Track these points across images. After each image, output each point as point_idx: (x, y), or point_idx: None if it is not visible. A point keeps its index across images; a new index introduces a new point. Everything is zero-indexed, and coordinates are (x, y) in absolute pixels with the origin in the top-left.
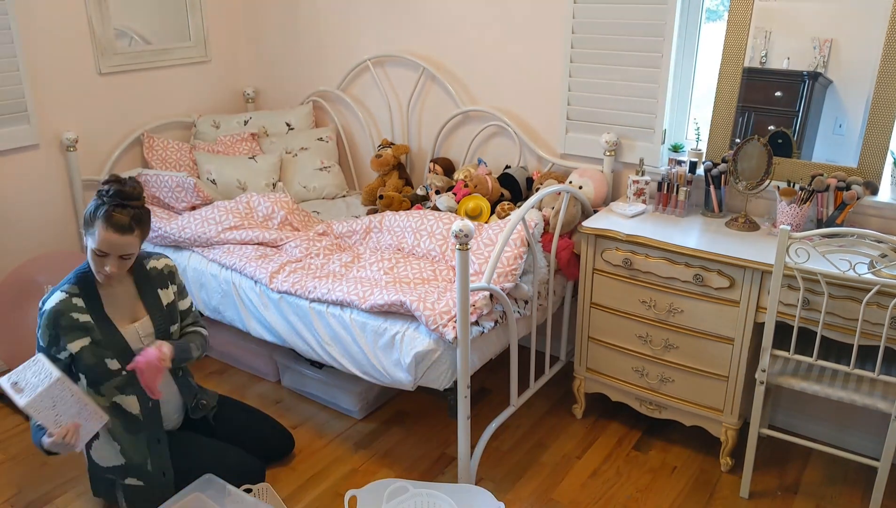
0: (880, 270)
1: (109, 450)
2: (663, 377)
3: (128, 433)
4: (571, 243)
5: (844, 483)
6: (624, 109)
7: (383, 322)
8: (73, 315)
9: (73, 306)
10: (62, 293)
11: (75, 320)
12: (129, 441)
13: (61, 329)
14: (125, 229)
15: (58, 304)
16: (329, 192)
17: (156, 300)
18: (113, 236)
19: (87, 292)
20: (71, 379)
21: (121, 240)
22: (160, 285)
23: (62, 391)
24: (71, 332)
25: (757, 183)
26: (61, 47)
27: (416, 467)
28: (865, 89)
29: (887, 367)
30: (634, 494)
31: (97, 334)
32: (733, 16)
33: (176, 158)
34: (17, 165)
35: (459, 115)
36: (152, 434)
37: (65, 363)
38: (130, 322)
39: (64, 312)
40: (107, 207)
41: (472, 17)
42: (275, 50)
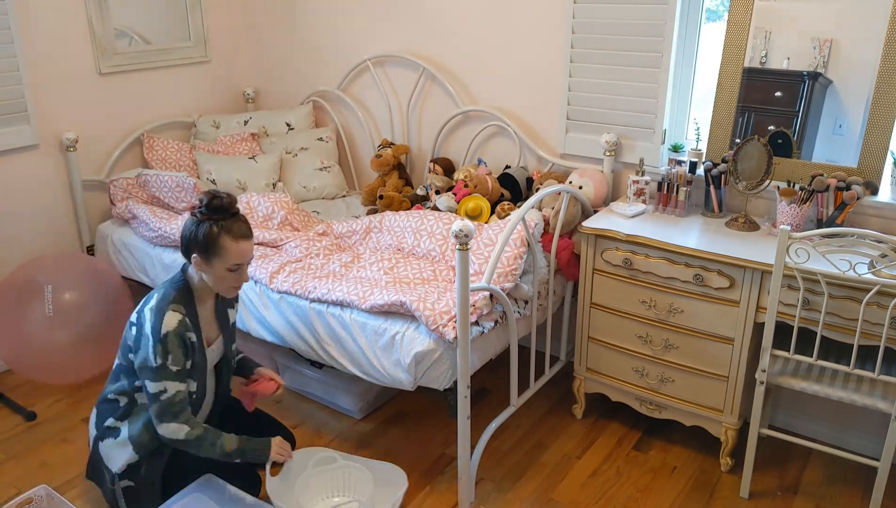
0: (880, 270)
1: (121, 454)
2: (663, 377)
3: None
4: (571, 243)
5: (844, 483)
6: (624, 109)
7: (383, 322)
8: (189, 335)
9: (188, 326)
10: (177, 314)
11: (192, 339)
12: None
13: (188, 348)
14: (249, 234)
15: (179, 324)
16: (329, 192)
17: (226, 319)
18: (244, 244)
19: (191, 311)
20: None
21: (250, 245)
22: (230, 304)
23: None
24: (190, 350)
25: (757, 183)
26: (61, 47)
27: (416, 467)
28: (865, 89)
29: (887, 367)
30: (634, 494)
31: (197, 354)
32: (733, 16)
33: (176, 158)
34: (17, 165)
35: (459, 115)
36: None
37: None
38: (209, 344)
39: (186, 330)
40: (223, 222)
41: (473, 17)
42: (275, 50)
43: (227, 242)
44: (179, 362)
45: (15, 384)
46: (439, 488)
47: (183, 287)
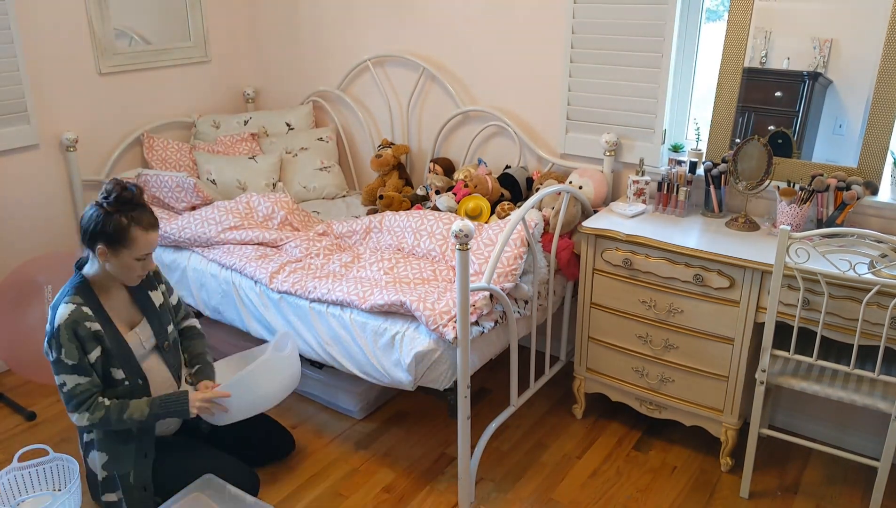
0: (880, 270)
1: (97, 459)
2: (663, 378)
3: (117, 444)
4: (571, 243)
5: (844, 483)
6: (624, 109)
7: (383, 322)
8: (86, 324)
9: (84, 315)
10: (70, 305)
11: (89, 328)
12: (116, 452)
13: (82, 340)
14: (156, 224)
15: (71, 315)
16: (329, 192)
17: (149, 303)
18: (152, 235)
19: (91, 301)
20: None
21: (155, 236)
22: (149, 287)
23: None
24: (88, 342)
25: (757, 183)
26: (61, 47)
27: (416, 467)
28: (865, 89)
29: (887, 367)
30: (634, 494)
31: (106, 342)
32: (733, 16)
33: (176, 158)
34: (17, 165)
35: (459, 115)
36: (141, 447)
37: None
38: (130, 328)
39: (79, 321)
40: (132, 212)
41: (473, 17)
42: (275, 50)
43: (137, 233)
44: (73, 355)
45: (15, 384)
46: (439, 488)
47: (80, 282)
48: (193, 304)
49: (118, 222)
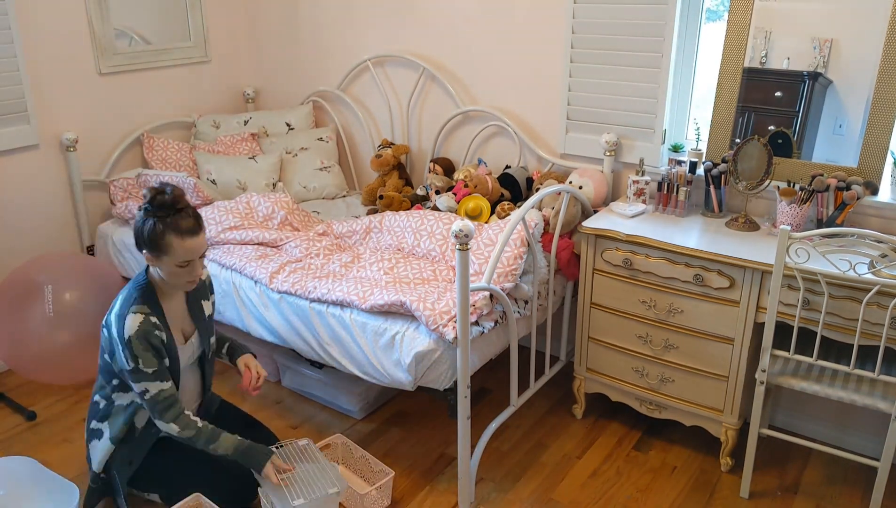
0: (880, 270)
1: (101, 451)
2: (663, 378)
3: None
4: (571, 243)
5: (844, 483)
6: (624, 109)
7: (383, 322)
8: (157, 334)
9: (153, 325)
10: (138, 315)
11: (159, 337)
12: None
13: (155, 348)
14: (196, 230)
15: (141, 325)
16: (329, 192)
17: (201, 313)
18: (191, 241)
19: (156, 309)
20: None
21: (198, 241)
22: (203, 296)
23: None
24: (160, 350)
25: (757, 183)
26: (61, 47)
27: (417, 467)
28: (865, 89)
29: (887, 367)
30: (634, 494)
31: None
32: (733, 16)
33: (176, 158)
34: (17, 165)
35: (459, 115)
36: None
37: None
38: (185, 339)
39: (149, 331)
40: (169, 218)
41: (473, 17)
42: (275, 50)
43: (172, 239)
44: (151, 363)
45: (15, 384)
46: (439, 488)
47: (145, 286)
48: None
49: (153, 228)
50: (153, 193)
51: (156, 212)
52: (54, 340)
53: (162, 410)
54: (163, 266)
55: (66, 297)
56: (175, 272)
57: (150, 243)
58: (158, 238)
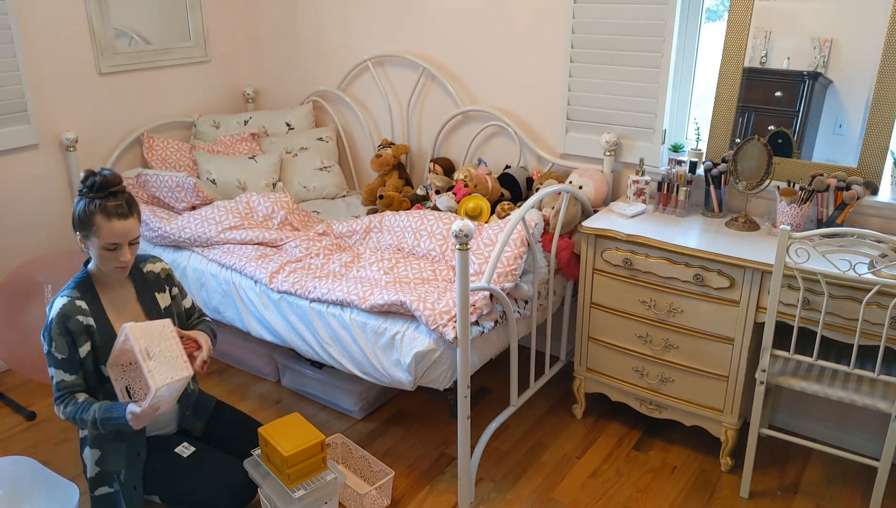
0: (880, 270)
1: (89, 455)
2: (663, 377)
3: (109, 442)
4: (571, 243)
5: (844, 483)
6: (624, 109)
7: (383, 322)
8: (78, 318)
9: (77, 309)
10: (64, 298)
11: (81, 323)
12: (111, 450)
13: (73, 334)
14: (125, 213)
15: (63, 308)
16: (329, 192)
17: (154, 304)
18: (118, 224)
19: (89, 296)
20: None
21: (125, 225)
22: (157, 288)
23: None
24: (79, 336)
25: (757, 183)
26: (61, 47)
27: (417, 467)
28: (865, 89)
29: (887, 367)
30: (634, 494)
31: (97, 338)
32: (733, 16)
33: (176, 158)
34: (17, 165)
35: (459, 115)
36: (133, 446)
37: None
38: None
39: (70, 315)
40: (98, 200)
41: (473, 17)
42: (275, 50)
43: (100, 220)
44: (63, 350)
45: (15, 383)
46: (439, 488)
47: (82, 276)
48: None
49: (84, 208)
50: (87, 174)
51: (87, 193)
52: None
53: (57, 398)
54: (93, 249)
55: None
56: (103, 256)
57: (79, 223)
58: (87, 218)
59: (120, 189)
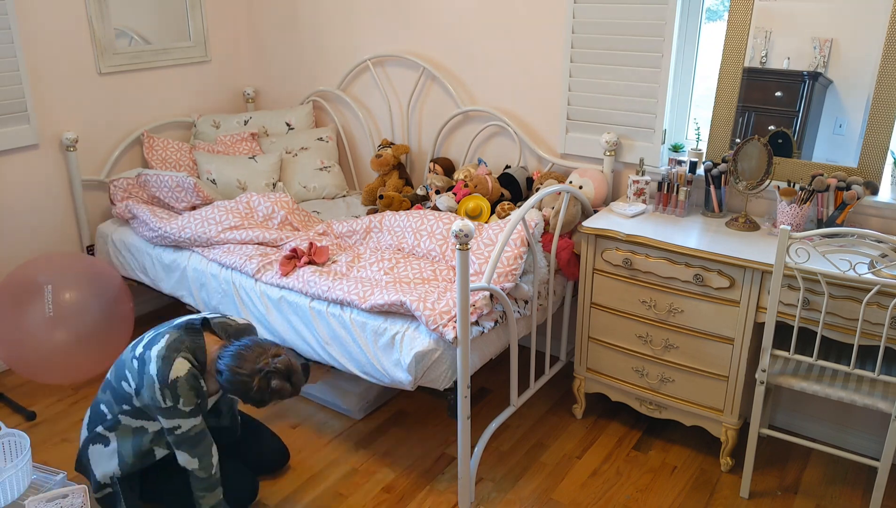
0: (880, 270)
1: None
2: (663, 377)
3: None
4: (571, 243)
5: (844, 483)
6: (624, 109)
7: (383, 322)
8: (202, 384)
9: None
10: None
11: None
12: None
13: (197, 392)
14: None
15: (190, 371)
16: (329, 192)
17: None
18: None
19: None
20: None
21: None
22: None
23: None
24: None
25: (757, 183)
26: (61, 47)
27: (417, 467)
28: (865, 89)
29: (887, 367)
30: (634, 494)
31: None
32: (733, 16)
33: (176, 158)
34: (17, 165)
35: (459, 115)
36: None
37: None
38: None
39: (198, 378)
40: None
41: (473, 17)
42: (275, 50)
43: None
44: (191, 402)
45: (15, 384)
46: (439, 488)
47: (201, 347)
48: (193, 304)
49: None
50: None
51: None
52: (54, 340)
53: (192, 445)
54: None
55: (65, 297)
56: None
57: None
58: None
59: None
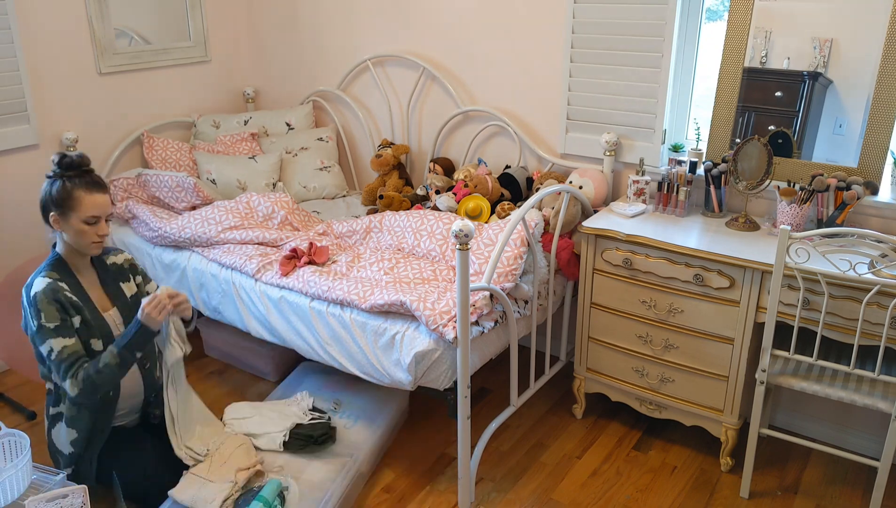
0: (880, 270)
1: (64, 434)
2: (663, 377)
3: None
4: (571, 243)
5: (844, 483)
6: (624, 109)
7: (383, 322)
8: (66, 294)
9: (61, 288)
10: (46, 278)
11: (69, 297)
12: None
13: (63, 304)
14: (103, 187)
15: (48, 284)
16: (329, 192)
17: (119, 293)
18: (98, 196)
19: (67, 276)
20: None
21: (104, 198)
22: (122, 278)
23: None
24: (69, 308)
25: (757, 183)
26: (61, 47)
27: (416, 467)
28: (865, 89)
29: (887, 367)
30: (634, 494)
31: (86, 313)
32: (733, 16)
33: (176, 158)
34: (17, 165)
35: (459, 115)
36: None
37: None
38: (103, 310)
39: (57, 290)
40: (76, 177)
41: (473, 17)
42: (275, 50)
43: (80, 193)
44: (54, 317)
45: (15, 383)
46: (439, 488)
47: (55, 259)
48: (193, 304)
49: (61, 186)
50: (60, 156)
51: (64, 172)
52: None
53: (66, 369)
54: (69, 226)
55: None
56: (82, 231)
57: (57, 202)
58: (66, 194)
59: (91, 167)
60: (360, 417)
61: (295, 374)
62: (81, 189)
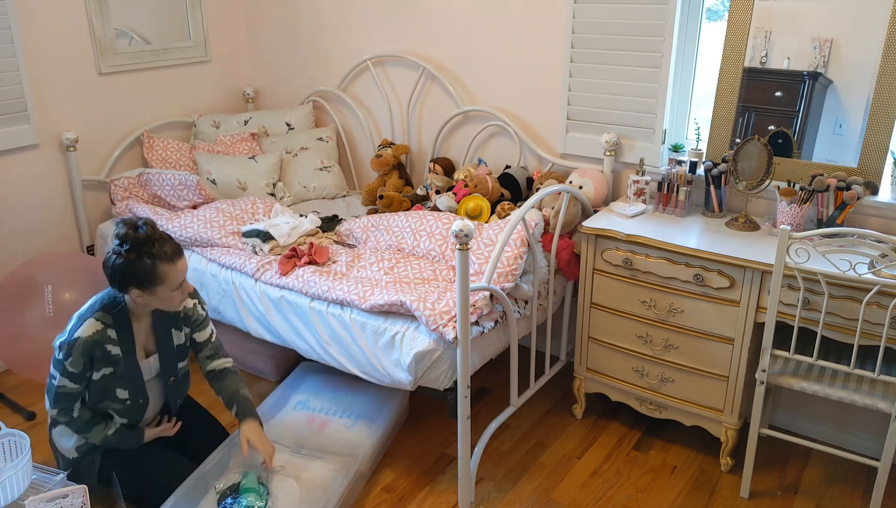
0: (880, 270)
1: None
2: (663, 377)
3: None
4: (571, 243)
5: (844, 483)
6: (624, 109)
7: (383, 322)
8: (107, 347)
9: (107, 338)
10: (97, 322)
11: (108, 351)
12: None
13: (94, 359)
14: (180, 250)
15: (94, 334)
16: (329, 192)
17: (168, 340)
18: (180, 263)
19: (120, 326)
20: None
21: (185, 261)
22: (174, 325)
23: None
24: (100, 362)
25: (757, 183)
26: (61, 47)
27: (417, 467)
28: (865, 89)
29: (887, 367)
30: (634, 494)
31: (121, 367)
32: (733, 16)
33: (176, 157)
34: (17, 165)
35: (459, 115)
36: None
37: (83, 385)
38: (145, 356)
39: (100, 342)
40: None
41: (473, 17)
42: (275, 50)
43: (164, 268)
44: (77, 365)
45: (15, 383)
46: (439, 488)
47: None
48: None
49: (143, 265)
50: (127, 230)
51: (139, 249)
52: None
53: (54, 400)
54: (155, 297)
55: (65, 297)
56: (169, 297)
57: (142, 281)
58: (152, 272)
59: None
60: (360, 417)
61: (295, 374)
62: (165, 263)
